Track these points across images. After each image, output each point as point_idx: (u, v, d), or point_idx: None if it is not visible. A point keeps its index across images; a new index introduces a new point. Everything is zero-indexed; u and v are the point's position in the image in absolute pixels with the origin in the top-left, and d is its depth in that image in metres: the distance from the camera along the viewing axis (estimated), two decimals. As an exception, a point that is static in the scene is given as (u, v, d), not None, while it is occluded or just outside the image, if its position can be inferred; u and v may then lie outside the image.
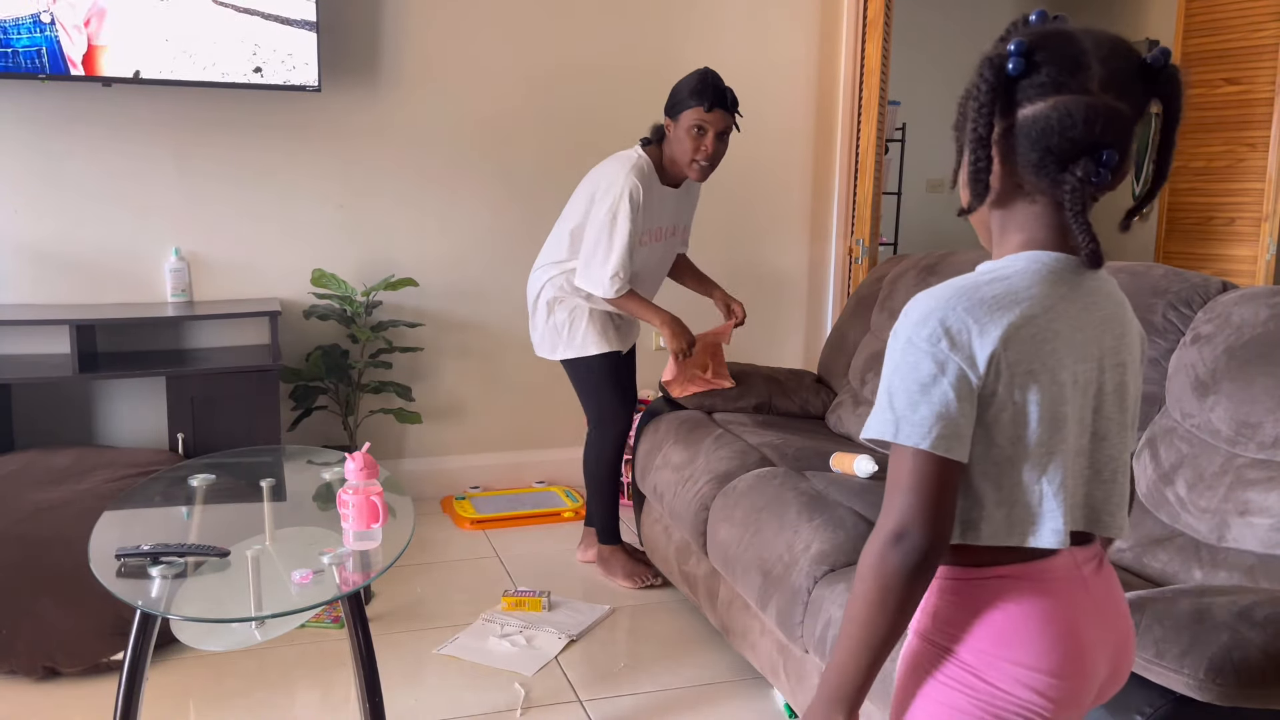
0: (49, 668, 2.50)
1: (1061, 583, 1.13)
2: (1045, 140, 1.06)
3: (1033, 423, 1.09)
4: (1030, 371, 1.08)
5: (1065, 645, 1.11)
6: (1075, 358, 1.11)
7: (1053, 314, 1.09)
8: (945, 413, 1.05)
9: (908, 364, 1.07)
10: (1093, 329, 1.13)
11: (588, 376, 3.07)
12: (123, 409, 3.53)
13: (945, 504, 1.07)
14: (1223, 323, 2.14)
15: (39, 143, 3.35)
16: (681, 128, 2.86)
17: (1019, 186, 1.12)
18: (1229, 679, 1.44)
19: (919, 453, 1.05)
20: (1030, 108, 1.07)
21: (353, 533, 1.96)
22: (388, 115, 3.69)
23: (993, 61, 1.07)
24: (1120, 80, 1.07)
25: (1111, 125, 1.06)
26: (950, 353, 1.05)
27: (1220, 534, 1.96)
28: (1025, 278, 1.10)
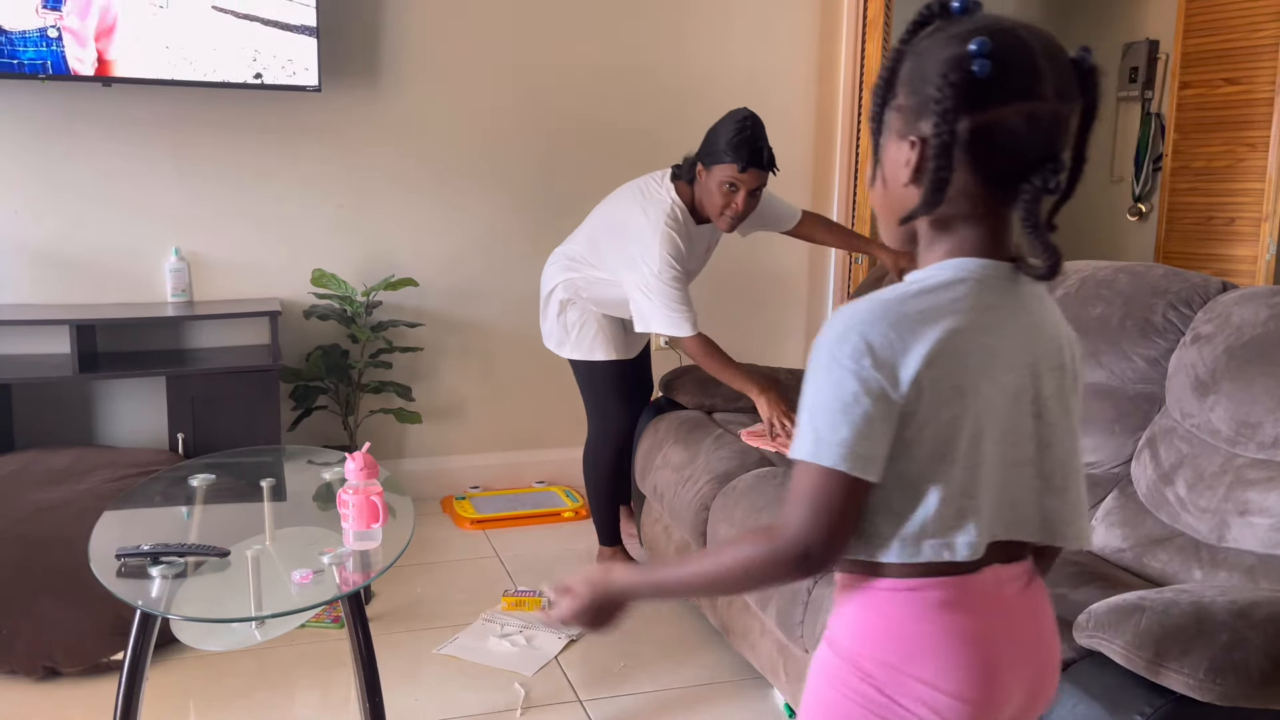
0: (49, 668, 2.50)
1: (979, 601, 1.09)
2: (1004, 148, 1.02)
3: (954, 439, 1.05)
4: (956, 387, 1.04)
5: (975, 667, 1.08)
6: (1006, 368, 1.07)
7: (981, 325, 1.06)
8: (865, 432, 1.02)
9: (831, 382, 1.03)
10: (1025, 336, 1.09)
11: (591, 379, 3.08)
12: (123, 409, 3.53)
13: (850, 525, 1.05)
14: (1223, 323, 2.14)
15: (39, 143, 3.35)
16: (714, 179, 2.72)
17: (971, 196, 1.06)
18: (1229, 679, 1.44)
19: (833, 472, 1.02)
20: (990, 113, 1.02)
21: (353, 533, 1.96)
22: (388, 115, 3.69)
23: (959, 63, 1.01)
24: (1064, 84, 1.04)
25: (1065, 131, 1.05)
26: (873, 371, 1.02)
27: (1220, 534, 1.96)
28: (953, 289, 1.06)
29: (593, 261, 2.94)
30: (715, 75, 4.03)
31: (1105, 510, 2.23)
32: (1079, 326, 2.41)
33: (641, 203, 2.81)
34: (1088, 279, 2.48)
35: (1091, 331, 2.38)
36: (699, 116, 4.02)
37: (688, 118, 4.02)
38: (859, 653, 1.10)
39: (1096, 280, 2.46)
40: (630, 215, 2.82)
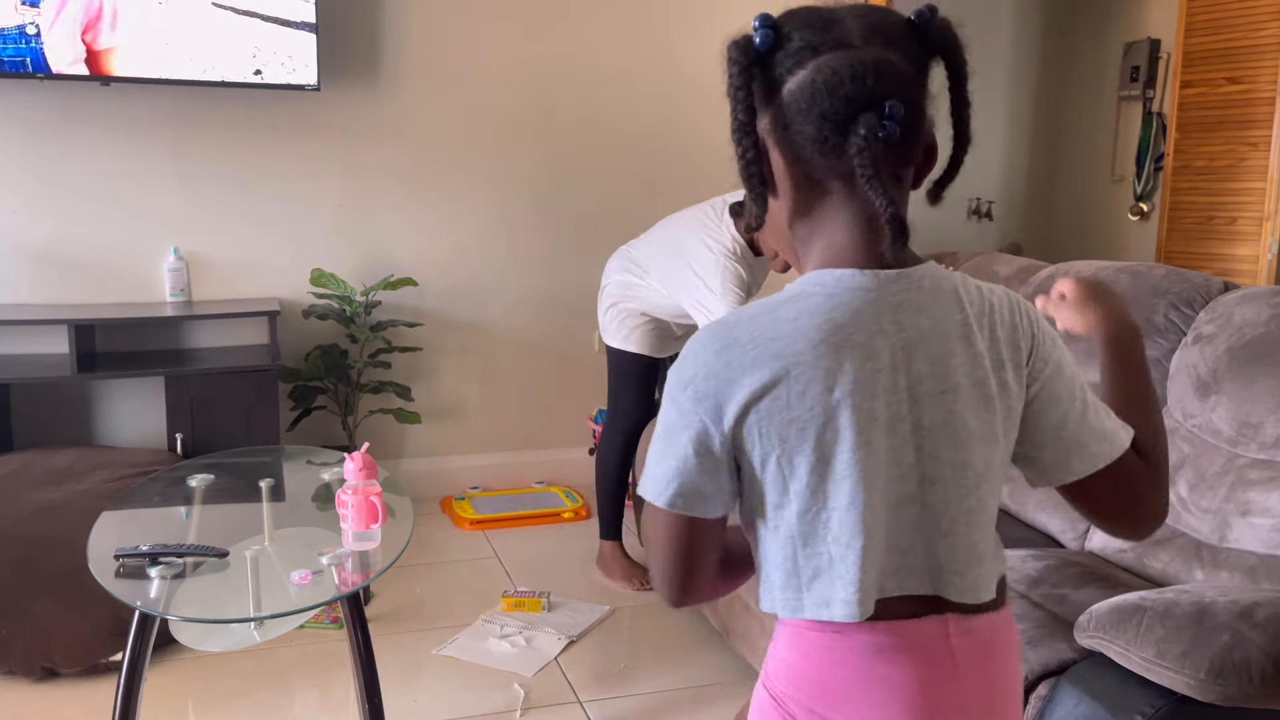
0: (48, 668, 2.50)
1: (915, 649, 0.97)
2: (816, 106, 0.91)
3: (805, 480, 0.94)
4: (794, 421, 0.92)
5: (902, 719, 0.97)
6: (869, 393, 0.93)
7: (834, 349, 0.93)
8: (689, 468, 0.95)
9: (664, 412, 0.97)
10: (898, 355, 0.94)
11: (617, 366, 3.13)
12: (121, 409, 3.53)
13: (697, 559, 0.99)
14: (1224, 323, 2.13)
15: (38, 143, 3.35)
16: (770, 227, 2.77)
17: (808, 178, 0.96)
18: (1230, 679, 1.43)
19: (664, 510, 0.97)
20: (792, 80, 0.93)
21: (352, 533, 1.96)
22: (388, 115, 3.68)
23: (739, 42, 0.95)
24: (883, 33, 0.93)
25: (884, 76, 0.91)
26: (693, 405, 0.94)
27: (1221, 534, 1.96)
28: (795, 306, 0.95)
29: (650, 270, 3.00)
30: (714, 75, 4.00)
31: (1106, 510, 2.22)
32: (1080, 326, 2.41)
33: (703, 237, 2.85)
34: (1089, 279, 2.48)
35: (1092, 331, 2.37)
36: (697, 116, 4.04)
37: (685, 118, 4.03)
38: (784, 693, 1.01)
39: (1097, 280, 2.45)
40: (692, 246, 2.86)
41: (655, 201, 3.93)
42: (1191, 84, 4.11)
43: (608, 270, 3.14)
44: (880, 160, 0.91)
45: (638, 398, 3.14)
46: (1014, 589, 1.92)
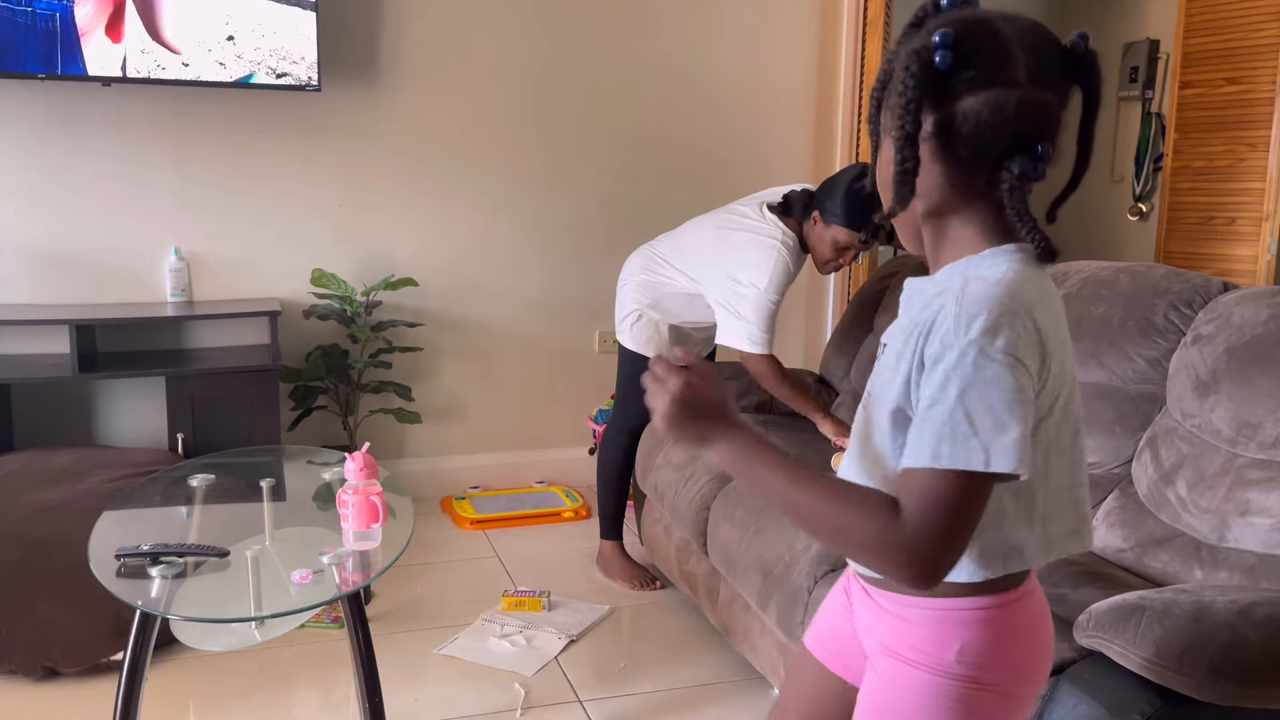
0: (48, 668, 2.50)
1: (1042, 594, 1.17)
2: (979, 137, 1.01)
3: (1062, 428, 1.06)
4: (1062, 377, 1.05)
5: (1050, 651, 1.18)
6: (1071, 355, 1.10)
7: (1060, 310, 1.07)
8: (1027, 432, 0.97)
9: (987, 379, 0.96)
10: (1064, 324, 1.09)
11: (627, 368, 3.12)
12: (122, 409, 3.53)
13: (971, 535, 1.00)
14: (1223, 323, 2.13)
15: (39, 143, 3.35)
16: (830, 234, 2.77)
17: (953, 187, 1.06)
18: (1229, 679, 1.44)
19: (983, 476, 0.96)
20: (961, 103, 1.01)
21: (352, 533, 1.96)
22: (388, 115, 3.69)
23: (919, 55, 1.00)
24: (1046, 70, 1.03)
25: (1043, 118, 1.03)
26: (1024, 363, 0.97)
27: (1221, 534, 1.96)
28: (1031, 274, 1.04)
29: (676, 272, 2.99)
30: (715, 75, 4.03)
31: (1106, 510, 2.22)
32: (1080, 327, 2.41)
33: (753, 233, 2.85)
34: (1089, 279, 2.48)
35: (1092, 331, 2.38)
36: (699, 116, 4.04)
37: (688, 118, 4.03)
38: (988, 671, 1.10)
39: (1097, 280, 2.45)
40: (742, 242, 2.86)
41: (656, 201, 3.94)
42: (1191, 84, 4.11)
43: (628, 269, 3.13)
44: (1026, 192, 1.04)
45: (642, 402, 3.13)
46: (1013, 589, 1.92)
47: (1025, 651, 1.13)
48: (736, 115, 4.08)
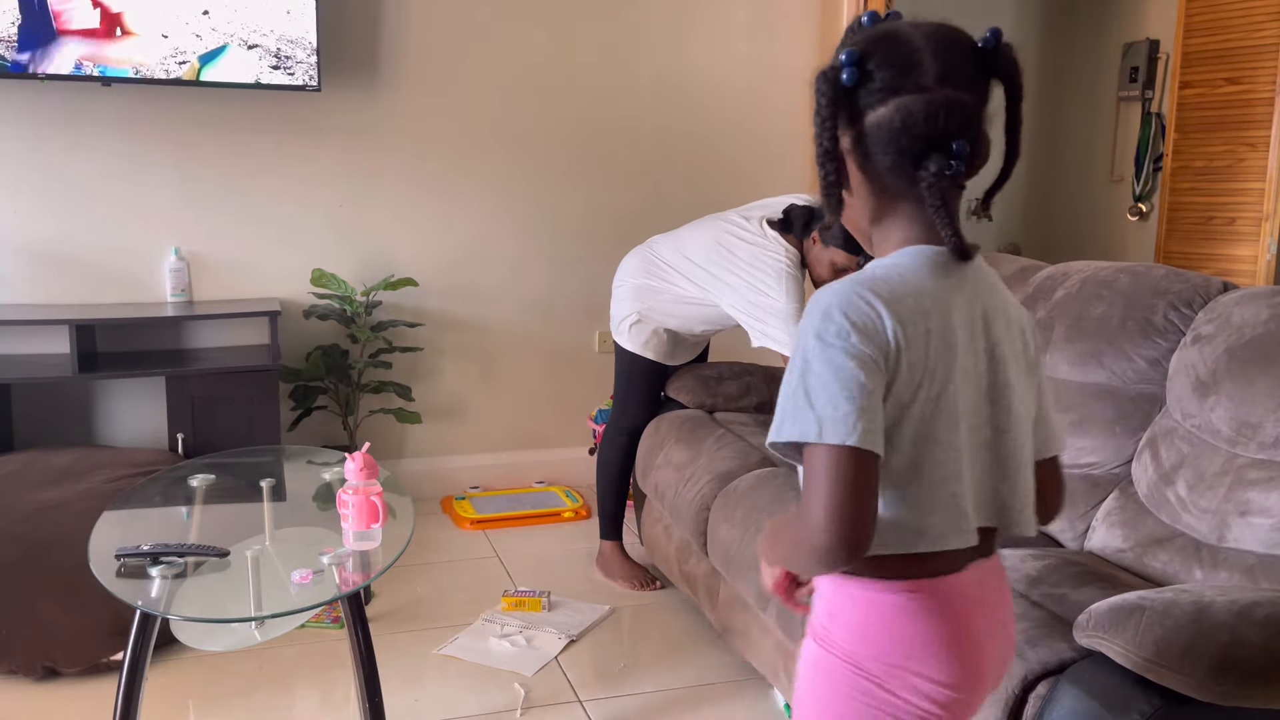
0: (49, 668, 2.50)
1: (967, 599, 1.15)
2: (894, 143, 1.07)
3: (934, 419, 1.08)
4: (927, 367, 1.07)
5: (966, 660, 1.14)
6: (965, 349, 1.11)
7: (938, 303, 1.09)
8: (865, 406, 1.03)
9: (823, 362, 1.04)
10: (979, 321, 1.13)
11: (628, 368, 3.12)
12: (122, 409, 3.53)
13: (871, 502, 1.05)
14: (1223, 323, 2.13)
15: (39, 143, 3.35)
16: (827, 256, 2.77)
17: (884, 191, 1.12)
18: (1229, 679, 1.44)
19: (843, 449, 1.02)
20: (873, 114, 1.08)
21: (353, 533, 1.96)
22: (388, 115, 3.69)
23: (826, 75, 1.08)
24: (956, 70, 1.07)
25: (955, 116, 1.06)
26: (860, 345, 1.04)
27: (1221, 534, 1.96)
28: (904, 270, 1.10)
29: (679, 277, 2.98)
30: (715, 75, 4.03)
31: (1106, 510, 2.22)
32: (1080, 327, 2.41)
33: (756, 249, 2.84)
34: (1088, 279, 2.48)
35: (1092, 332, 2.38)
36: (698, 117, 4.04)
37: (687, 118, 4.03)
38: (856, 652, 1.14)
39: (1097, 280, 2.45)
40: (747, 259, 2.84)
41: (656, 201, 3.94)
42: (1191, 84, 4.11)
43: (624, 269, 3.12)
44: (946, 189, 1.08)
45: (644, 400, 3.14)
46: (1014, 589, 1.92)
47: (905, 644, 1.12)
48: (736, 116, 4.08)
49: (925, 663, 1.12)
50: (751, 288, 2.81)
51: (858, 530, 1.03)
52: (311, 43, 3.36)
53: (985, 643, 1.17)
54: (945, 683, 1.12)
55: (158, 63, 3.23)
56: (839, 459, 1.02)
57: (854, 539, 1.03)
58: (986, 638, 1.17)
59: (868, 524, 1.04)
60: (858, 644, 1.14)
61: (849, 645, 1.14)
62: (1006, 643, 1.24)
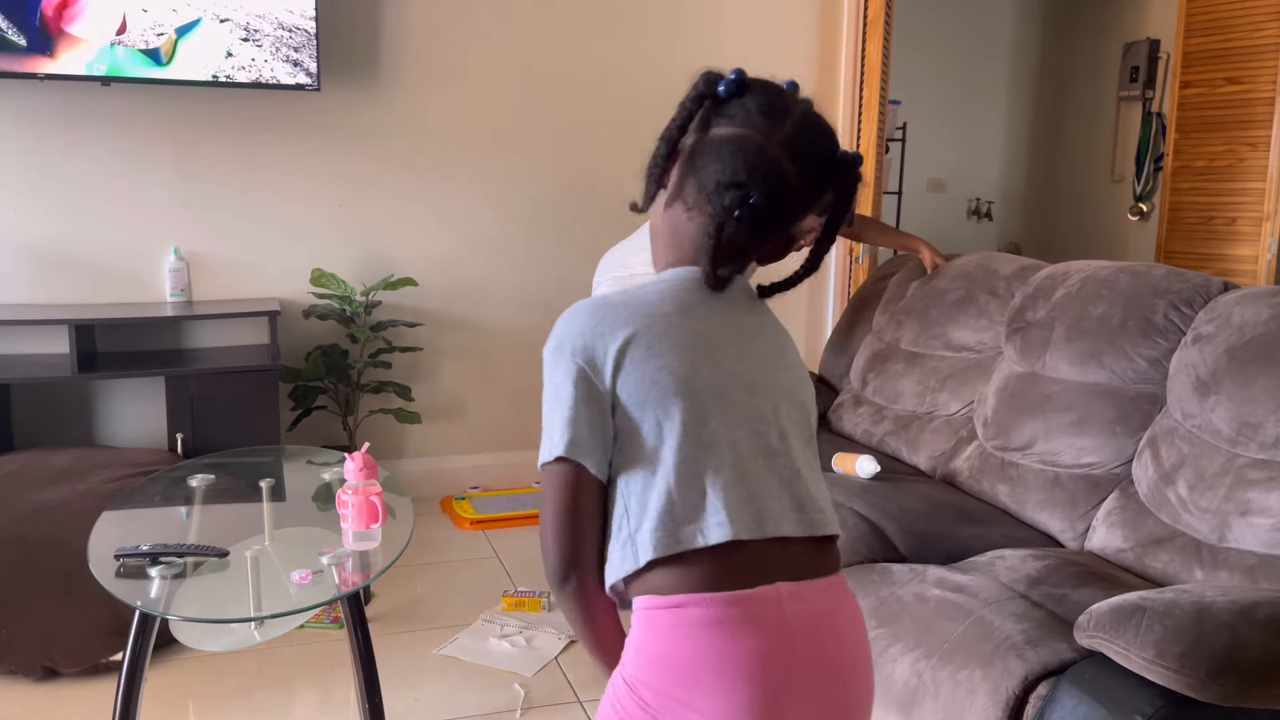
0: (48, 668, 2.50)
1: (751, 620, 1.04)
2: (715, 163, 1.11)
3: (672, 417, 1.09)
4: (663, 369, 1.09)
5: (746, 693, 1.02)
6: (728, 355, 1.13)
7: (685, 317, 1.12)
8: (576, 418, 1.07)
9: (548, 384, 1.11)
10: (745, 334, 1.16)
11: None
12: (122, 409, 3.53)
13: (589, 518, 1.09)
14: (1224, 323, 2.13)
15: (38, 143, 3.35)
16: None
17: (686, 201, 1.16)
18: (1230, 679, 1.43)
19: (560, 464, 1.07)
20: (719, 129, 1.13)
21: (352, 533, 1.96)
22: (388, 115, 3.68)
23: (709, 78, 1.14)
24: (804, 152, 1.11)
25: (769, 177, 1.09)
26: (574, 360, 1.09)
27: (1221, 534, 1.96)
28: (662, 287, 1.15)
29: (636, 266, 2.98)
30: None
31: (1106, 510, 2.22)
32: (1080, 326, 2.41)
33: None
34: (1089, 279, 2.48)
35: (1092, 331, 2.38)
36: (699, 116, 4.03)
37: (688, 117, 4.02)
38: (635, 676, 1.07)
39: (1097, 280, 2.45)
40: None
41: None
42: (1191, 84, 4.11)
43: (597, 274, 3.13)
44: (731, 232, 1.11)
45: None
46: (1014, 588, 1.92)
47: (680, 672, 1.04)
48: (736, 115, 4.08)
49: (694, 691, 1.03)
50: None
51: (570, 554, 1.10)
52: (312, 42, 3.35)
53: (785, 689, 1.04)
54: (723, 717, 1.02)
55: (139, 34, 3.20)
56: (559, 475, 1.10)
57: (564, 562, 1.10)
58: (790, 684, 1.04)
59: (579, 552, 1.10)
60: (635, 667, 1.08)
61: (629, 668, 1.08)
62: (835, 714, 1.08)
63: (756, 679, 1.03)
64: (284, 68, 3.35)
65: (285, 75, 3.36)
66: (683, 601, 1.05)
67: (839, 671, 1.09)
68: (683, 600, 1.05)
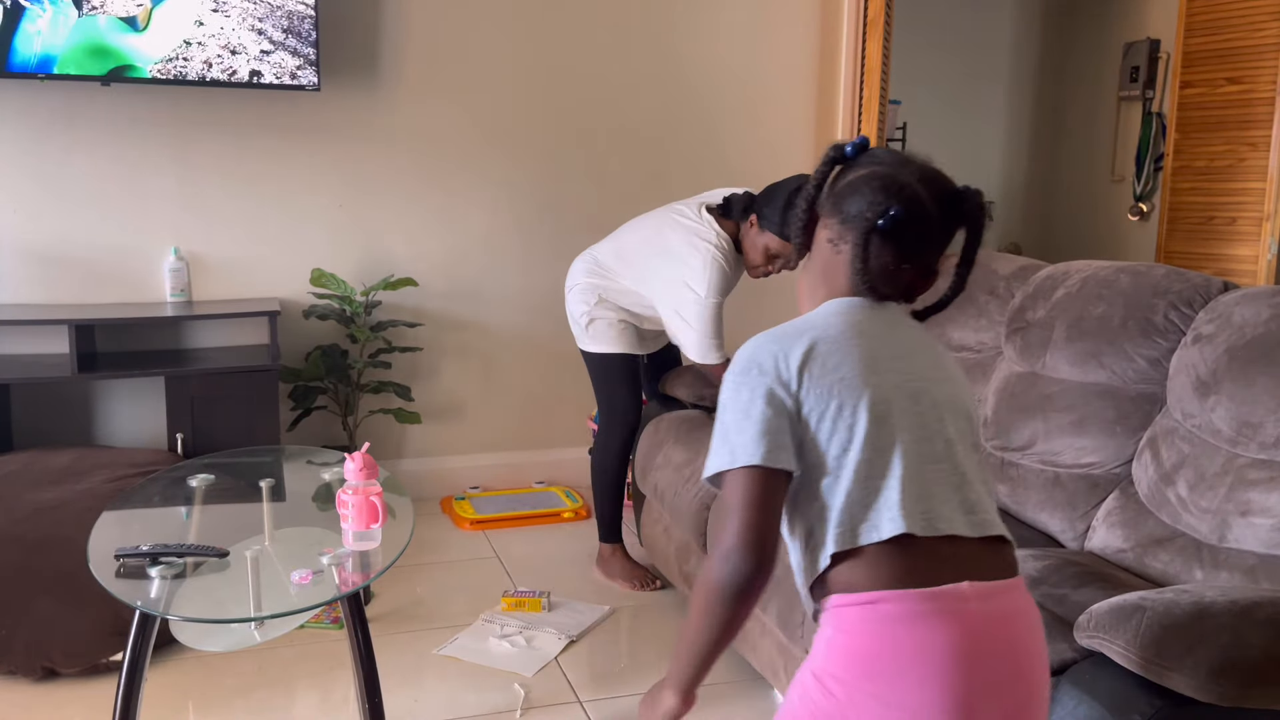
0: (48, 668, 2.50)
1: (940, 615, 1.09)
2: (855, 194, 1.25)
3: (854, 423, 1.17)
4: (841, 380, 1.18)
5: (935, 687, 1.07)
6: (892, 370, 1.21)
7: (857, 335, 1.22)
8: (770, 428, 1.15)
9: (734, 400, 1.19)
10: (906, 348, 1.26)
11: (603, 370, 3.12)
12: (122, 409, 3.53)
13: (774, 520, 1.15)
14: (1224, 323, 2.13)
15: (38, 143, 3.35)
16: (761, 241, 2.79)
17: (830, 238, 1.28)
18: (1230, 679, 1.43)
19: (750, 470, 1.14)
20: (853, 175, 1.28)
21: (352, 533, 1.96)
22: (388, 115, 3.68)
23: (835, 145, 1.30)
24: (933, 184, 1.26)
25: (908, 198, 1.22)
26: (761, 377, 1.18)
27: (1221, 534, 1.96)
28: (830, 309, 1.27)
29: (620, 274, 3.01)
30: (715, 75, 4.03)
31: (1106, 510, 2.22)
32: (1080, 326, 2.41)
33: (688, 233, 2.86)
34: (1089, 279, 2.48)
35: (1092, 331, 2.37)
36: (698, 116, 4.04)
37: (687, 118, 4.03)
38: (825, 670, 1.13)
39: (1097, 280, 2.45)
40: (677, 244, 2.87)
41: (656, 202, 3.92)
42: (1191, 84, 4.11)
43: (571, 274, 3.13)
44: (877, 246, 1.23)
45: (631, 394, 3.13)
46: (1014, 589, 1.92)
47: (863, 655, 1.10)
48: (737, 116, 4.08)
49: (883, 684, 1.07)
50: (675, 279, 2.82)
51: (768, 550, 1.13)
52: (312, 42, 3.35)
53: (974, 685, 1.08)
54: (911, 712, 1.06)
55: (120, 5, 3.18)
56: (751, 482, 1.15)
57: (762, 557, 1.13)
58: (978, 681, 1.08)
59: (772, 547, 1.13)
60: (825, 660, 1.13)
61: (818, 661, 1.14)
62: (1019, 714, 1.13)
63: (949, 673, 1.07)
64: (250, 36, 3.30)
65: (285, 75, 3.35)
66: (877, 598, 1.10)
67: (1022, 672, 1.13)
68: (876, 596, 1.10)
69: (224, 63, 3.29)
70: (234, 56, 3.30)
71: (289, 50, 3.34)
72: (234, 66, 3.30)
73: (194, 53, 3.26)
